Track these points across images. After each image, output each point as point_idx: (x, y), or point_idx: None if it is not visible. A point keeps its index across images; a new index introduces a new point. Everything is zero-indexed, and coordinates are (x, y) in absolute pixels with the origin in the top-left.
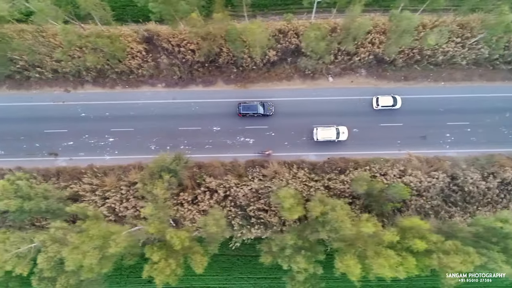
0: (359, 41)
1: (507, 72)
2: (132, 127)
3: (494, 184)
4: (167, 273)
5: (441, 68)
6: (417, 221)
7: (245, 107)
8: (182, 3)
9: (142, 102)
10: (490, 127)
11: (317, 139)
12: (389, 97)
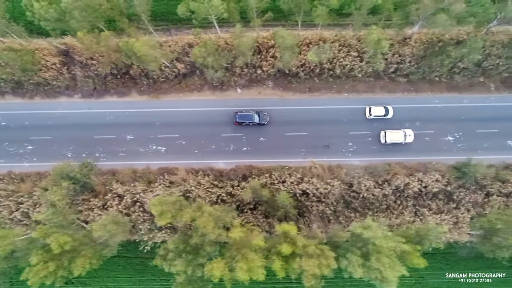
0: (263, 55)
1: (406, 84)
2: (49, 135)
3: (389, 191)
4: (42, 275)
5: (343, 80)
6: (286, 227)
7: (241, 116)
8: (73, 21)
9: (59, 112)
10: None
11: (385, 141)
12: (381, 107)
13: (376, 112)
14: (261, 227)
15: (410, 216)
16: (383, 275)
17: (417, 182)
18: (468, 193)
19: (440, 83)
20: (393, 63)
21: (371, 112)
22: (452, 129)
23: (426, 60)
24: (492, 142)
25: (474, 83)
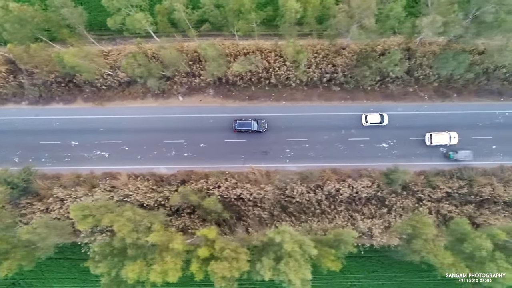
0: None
1: (342, 92)
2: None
3: (322, 196)
4: None
5: (280, 89)
6: (205, 231)
7: (241, 124)
8: (5, 33)
9: (7, 118)
10: (327, 143)
11: (431, 143)
12: (377, 114)
13: (372, 120)
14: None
15: (343, 220)
16: (288, 277)
17: (347, 188)
18: (400, 199)
19: (375, 92)
20: (328, 73)
21: (367, 120)
22: (387, 137)
23: (354, 70)
24: (424, 150)
25: (408, 92)
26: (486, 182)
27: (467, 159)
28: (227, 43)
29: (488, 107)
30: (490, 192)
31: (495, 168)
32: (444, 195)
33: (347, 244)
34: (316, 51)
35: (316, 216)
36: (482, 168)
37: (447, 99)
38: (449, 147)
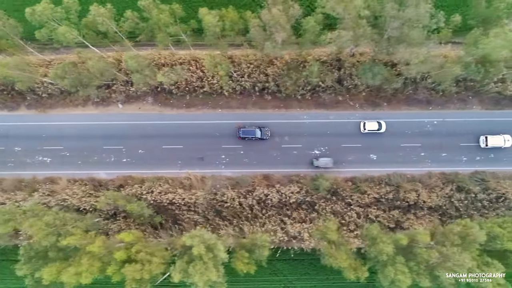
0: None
1: (276, 101)
2: None
3: (254, 201)
4: None
5: (216, 97)
6: (122, 235)
7: (244, 131)
8: None
9: None
10: (261, 150)
11: (486, 145)
12: (374, 122)
13: (370, 127)
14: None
15: (274, 224)
16: (194, 280)
17: (276, 193)
18: (329, 204)
19: (307, 100)
20: (261, 82)
21: (365, 127)
22: (319, 144)
23: (281, 79)
24: (356, 156)
25: (339, 101)
26: (412, 188)
27: (328, 166)
28: (165, 53)
29: (417, 115)
30: (415, 198)
31: (424, 175)
32: (373, 200)
33: (261, 248)
34: (249, 61)
35: (249, 220)
36: (411, 174)
37: (378, 108)
38: (318, 155)
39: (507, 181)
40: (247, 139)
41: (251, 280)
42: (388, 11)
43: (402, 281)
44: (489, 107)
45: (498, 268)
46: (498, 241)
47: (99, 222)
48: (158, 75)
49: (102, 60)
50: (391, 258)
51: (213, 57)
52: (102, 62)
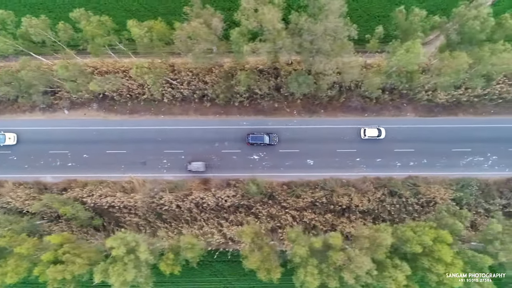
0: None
1: (216, 107)
2: None
3: (192, 204)
4: None
5: (158, 104)
6: (51, 237)
7: (253, 137)
8: None
9: None
10: (202, 155)
11: (364, 135)
12: (374, 129)
13: (370, 133)
14: (76, 234)
15: (211, 227)
16: (111, 280)
17: (211, 197)
18: (266, 207)
19: (247, 107)
20: (201, 89)
21: (366, 133)
22: (258, 149)
23: (214, 87)
24: (293, 161)
25: (277, 107)
26: (344, 192)
27: (199, 170)
28: (109, 61)
29: (353, 122)
30: (347, 202)
31: (359, 180)
32: (308, 204)
33: (186, 251)
34: (189, 69)
35: (188, 223)
36: (347, 179)
37: (315, 115)
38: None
39: (436, 186)
40: (256, 145)
41: (193, 281)
42: (302, 24)
43: (310, 282)
44: (422, 114)
45: (405, 270)
46: (408, 245)
47: (42, 224)
48: (90, 84)
49: (37, 69)
50: (304, 260)
51: (139, 67)
52: (35, 71)
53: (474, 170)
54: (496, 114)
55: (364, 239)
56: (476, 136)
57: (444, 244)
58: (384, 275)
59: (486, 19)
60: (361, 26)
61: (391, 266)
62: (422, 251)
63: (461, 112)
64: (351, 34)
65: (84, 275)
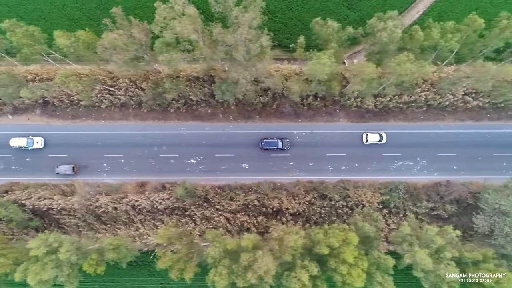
0: None
1: (156, 113)
2: None
3: (128, 206)
4: None
5: (99, 109)
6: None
7: (267, 142)
8: None
9: None
10: (140, 159)
11: (366, 140)
12: (376, 134)
13: (372, 138)
14: (16, 235)
15: (147, 229)
16: (28, 279)
17: (145, 199)
18: (200, 210)
19: (184, 113)
20: (139, 96)
21: (368, 138)
22: (195, 153)
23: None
24: (229, 165)
25: (214, 113)
26: (275, 195)
27: (67, 172)
28: (53, 68)
29: (287, 127)
30: (277, 205)
31: (293, 183)
32: (242, 207)
33: (108, 251)
34: (126, 76)
35: (124, 225)
36: (281, 182)
37: (250, 120)
38: None
39: (364, 189)
40: (269, 150)
41: (131, 280)
42: (216, 35)
43: (217, 282)
44: (354, 120)
45: (312, 270)
46: (318, 246)
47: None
48: (21, 91)
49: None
50: (217, 261)
51: (64, 75)
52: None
53: (404, 174)
54: (426, 120)
55: (274, 241)
56: (406, 141)
57: (350, 245)
58: (291, 275)
59: (393, 30)
60: (295, 35)
61: (300, 266)
62: (329, 252)
63: (391, 118)
64: (263, 44)
65: (9, 274)
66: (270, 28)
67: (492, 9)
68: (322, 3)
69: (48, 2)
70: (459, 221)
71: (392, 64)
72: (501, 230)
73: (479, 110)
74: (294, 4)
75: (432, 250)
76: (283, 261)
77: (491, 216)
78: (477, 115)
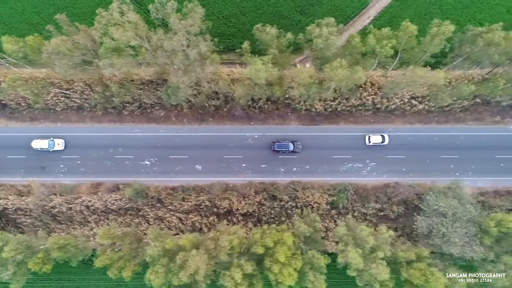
0: None
1: (112, 115)
2: None
3: (82, 207)
4: None
5: (56, 112)
6: None
7: (279, 145)
8: None
9: None
10: (97, 160)
11: (369, 142)
12: (379, 135)
13: (374, 140)
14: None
15: (100, 228)
16: None
17: (98, 200)
18: (154, 210)
19: (139, 115)
20: (96, 99)
21: (370, 140)
22: (149, 155)
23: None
24: (183, 166)
25: (168, 116)
26: (225, 196)
27: None
28: (3, 71)
29: (240, 129)
30: (227, 205)
31: (245, 184)
32: (194, 207)
33: (53, 250)
34: (82, 79)
35: (81, 224)
36: (233, 184)
37: (204, 123)
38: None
39: (312, 190)
40: (281, 152)
41: (87, 279)
42: (155, 41)
43: (153, 280)
44: (305, 123)
45: (246, 269)
46: (255, 246)
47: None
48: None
49: None
50: (156, 260)
51: (12, 79)
52: None
53: (353, 176)
54: (375, 123)
55: (210, 241)
56: (356, 144)
57: (284, 245)
58: (226, 273)
59: (328, 37)
60: (248, 39)
61: (236, 265)
62: (264, 252)
63: (342, 121)
64: (202, 51)
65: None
66: (224, 33)
67: (440, 15)
68: (275, 8)
69: (7, 6)
70: (407, 221)
71: (327, 70)
72: (438, 231)
73: (427, 114)
74: (248, 9)
75: (367, 250)
76: (221, 260)
77: (430, 217)
78: (425, 118)
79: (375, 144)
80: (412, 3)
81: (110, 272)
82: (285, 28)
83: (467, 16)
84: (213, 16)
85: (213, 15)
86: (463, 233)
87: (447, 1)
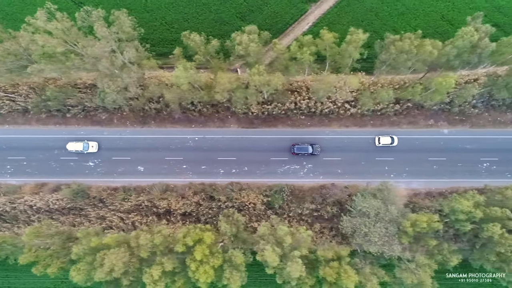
0: None
1: (56, 118)
2: None
3: (25, 207)
4: None
5: (12, 115)
6: None
7: (298, 148)
8: None
9: None
10: (42, 161)
11: (379, 143)
12: (388, 137)
13: (384, 141)
14: None
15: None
16: None
17: (39, 200)
18: (96, 210)
19: (83, 118)
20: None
21: (380, 141)
22: (93, 156)
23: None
24: (125, 168)
25: (111, 119)
26: (164, 197)
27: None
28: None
29: (181, 132)
30: (165, 205)
31: (185, 185)
32: (134, 207)
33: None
34: (27, 83)
35: (26, 224)
36: (174, 184)
37: (146, 125)
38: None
39: (248, 191)
40: (300, 155)
41: (32, 276)
42: (81, 48)
43: (74, 276)
44: (244, 126)
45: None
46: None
47: None
48: None
49: None
50: (81, 257)
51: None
52: None
53: (291, 177)
54: (312, 126)
55: (133, 239)
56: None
57: (203, 244)
58: (145, 270)
59: (248, 44)
60: None
61: (157, 263)
62: (185, 250)
63: (279, 124)
64: (125, 58)
65: None
66: (167, 38)
67: (377, 21)
68: (217, 14)
69: None
70: (341, 221)
71: (249, 75)
72: (360, 231)
73: (361, 117)
74: (190, 15)
75: (287, 249)
76: (145, 258)
77: (355, 217)
78: (361, 122)
79: (385, 146)
80: (350, 9)
81: (35, 269)
82: (227, 33)
83: (402, 22)
84: (156, 22)
85: (156, 21)
86: (382, 233)
87: (383, 8)
